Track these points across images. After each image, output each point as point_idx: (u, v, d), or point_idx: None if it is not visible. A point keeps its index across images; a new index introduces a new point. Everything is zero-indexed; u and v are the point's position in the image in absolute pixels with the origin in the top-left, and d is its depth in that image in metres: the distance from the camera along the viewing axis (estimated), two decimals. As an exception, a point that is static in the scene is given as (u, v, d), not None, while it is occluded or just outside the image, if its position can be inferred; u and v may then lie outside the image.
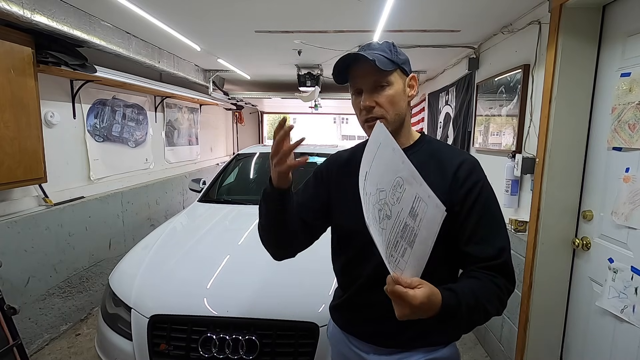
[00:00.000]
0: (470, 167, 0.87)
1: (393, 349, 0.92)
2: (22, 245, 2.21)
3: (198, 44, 2.94)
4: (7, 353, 1.60)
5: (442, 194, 0.81)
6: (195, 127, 5.03)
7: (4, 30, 1.90)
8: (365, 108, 0.87)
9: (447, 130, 3.52)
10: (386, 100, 0.86)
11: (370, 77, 0.86)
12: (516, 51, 2.21)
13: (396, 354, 0.92)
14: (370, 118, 0.88)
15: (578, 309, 1.80)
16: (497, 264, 0.81)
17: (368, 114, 0.88)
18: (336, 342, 1.06)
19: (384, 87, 0.86)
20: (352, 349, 0.99)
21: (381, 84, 0.86)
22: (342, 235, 1.00)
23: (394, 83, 0.87)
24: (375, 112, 0.87)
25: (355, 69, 0.88)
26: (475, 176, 0.86)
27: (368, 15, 2.19)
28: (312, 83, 3.96)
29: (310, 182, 1.06)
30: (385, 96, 0.86)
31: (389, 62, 0.85)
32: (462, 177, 0.85)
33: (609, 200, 1.58)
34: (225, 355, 1.41)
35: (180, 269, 1.78)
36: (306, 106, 6.08)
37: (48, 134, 2.38)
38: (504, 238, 0.84)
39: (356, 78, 0.88)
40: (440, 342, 0.92)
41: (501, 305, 0.81)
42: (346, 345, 1.01)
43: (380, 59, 0.83)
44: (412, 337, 0.90)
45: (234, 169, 3.21)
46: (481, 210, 0.84)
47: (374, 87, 0.86)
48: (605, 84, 1.64)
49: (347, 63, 0.87)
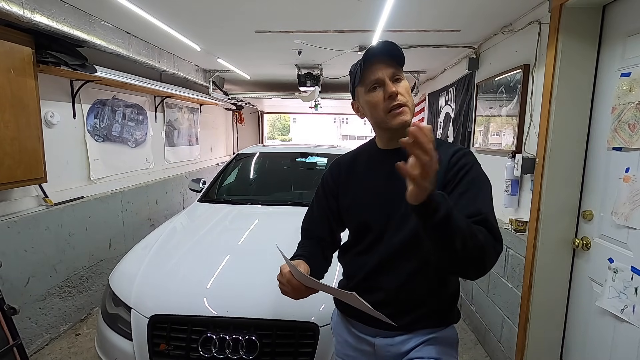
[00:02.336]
0: (463, 154, 0.92)
1: (396, 331, 0.96)
2: (22, 245, 2.21)
3: (198, 44, 2.94)
4: (7, 353, 1.60)
5: (440, 180, 0.89)
6: (195, 127, 5.03)
7: (4, 30, 1.90)
8: (392, 95, 0.90)
9: (447, 130, 3.52)
10: (405, 91, 0.92)
11: (390, 70, 0.91)
12: (516, 51, 2.22)
13: (399, 336, 0.97)
14: (395, 105, 0.91)
15: (578, 309, 1.80)
16: (478, 220, 0.81)
17: (393, 101, 0.91)
18: (341, 331, 1.09)
19: (400, 80, 0.93)
20: (357, 334, 1.03)
21: (398, 77, 0.92)
22: (356, 228, 1.04)
23: (404, 78, 0.94)
24: (400, 99, 0.91)
25: (377, 62, 0.92)
26: (466, 159, 0.91)
27: (368, 15, 2.19)
28: (312, 83, 3.96)
29: (320, 193, 1.13)
30: (403, 87, 0.92)
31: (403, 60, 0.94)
32: (455, 161, 0.91)
33: (609, 200, 1.58)
34: (225, 355, 1.41)
35: (180, 269, 1.78)
36: (306, 106, 6.07)
37: (48, 134, 2.38)
38: (486, 204, 0.86)
39: (378, 71, 0.92)
40: (440, 324, 0.98)
41: (488, 247, 0.79)
42: (351, 332, 1.05)
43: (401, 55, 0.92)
44: (413, 321, 0.96)
45: (234, 169, 3.21)
46: (467, 185, 0.87)
47: (393, 79, 0.92)
48: (605, 84, 1.64)
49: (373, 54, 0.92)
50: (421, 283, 0.94)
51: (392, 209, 0.94)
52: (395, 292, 0.95)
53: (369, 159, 1.05)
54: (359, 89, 0.97)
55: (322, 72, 4.03)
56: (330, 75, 4.29)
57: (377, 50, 0.91)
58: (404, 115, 0.91)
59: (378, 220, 0.97)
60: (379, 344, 0.99)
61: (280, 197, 2.85)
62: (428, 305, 0.96)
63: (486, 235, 0.80)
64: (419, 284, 0.94)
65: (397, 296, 0.96)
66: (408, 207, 0.72)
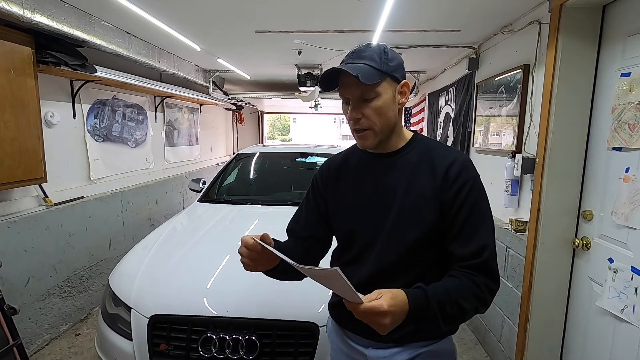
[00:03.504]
0: (461, 167, 0.86)
1: (390, 343, 0.94)
2: (22, 245, 2.21)
3: (198, 44, 2.94)
4: (7, 353, 1.60)
5: (434, 194, 0.86)
6: (195, 127, 5.03)
7: (4, 30, 1.90)
8: (352, 119, 0.88)
9: (447, 130, 3.52)
10: (373, 113, 0.85)
11: (356, 89, 0.84)
12: (516, 51, 2.22)
13: (393, 347, 0.94)
14: (358, 129, 0.88)
15: (578, 309, 1.80)
16: (477, 263, 0.82)
17: (355, 124, 0.88)
18: (335, 339, 1.07)
19: (371, 99, 0.84)
20: (350, 344, 1.00)
21: (368, 97, 0.84)
22: (344, 235, 1.01)
23: (381, 94, 0.85)
24: (362, 123, 0.87)
25: (342, 80, 0.86)
26: (465, 176, 0.86)
27: (368, 15, 2.19)
28: (312, 83, 3.97)
29: (310, 194, 1.09)
30: (372, 108, 0.85)
31: (375, 73, 0.83)
32: (452, 177, 0.85)
33: (609, 200, 1.58)
34: (225, 355, 1.41)
35: (180, 269, 1.78)
36: (306, 106, 6.08)
37: (48, 134, 2.38)
38: (487, 237, 0.85)
39: (343, 88, 0.88)
40: (435, 336, 0.94)
41: (480, 303, 0.81)
42: (345, 341, 1.02)
43: (366, 72, 0.81)
44: (407, 333, 0.92)
45: (234, 169, 3.21)
46: (468, 210, 0.84)
47: (361, 99, 0.85)
48: (605, 84, 1.64)
49: (335, 74, 0.86)
50: None
51: (379, 219, 0.91)
52: None
53: (359, 161, 1.00)
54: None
55: (322, 72, 4.02)
56: (330, 75, 4.29)
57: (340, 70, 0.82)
58: (365, 140, 0.89)
59: (365, 229, 0.93)
60: (372, 356, 0.96)
61: (280, 197, 2.85)
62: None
63: (480, 285, 0.81)
64: None
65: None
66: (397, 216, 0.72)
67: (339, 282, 0.69)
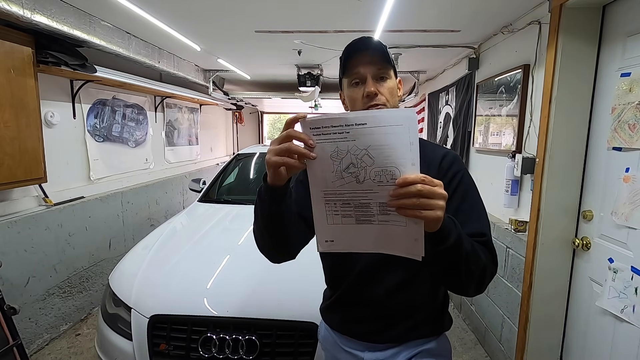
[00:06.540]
0: (452, 159, 0.90)
1: (386, 344, 0.94)
2: (22, 245, 2.21)
3: (198, 44, 2.94)
4: (7, 353, 1.60)
5: None
6: (195, 127, 5.03)
7: (4, 30, 1.91)
8: (370, 94, 0.86)
9: (447, 130, 3.52)
10: (388, 91, 0.88)
11: (375, 67, 0.87)
12: (516, 51, 2.22)
13: (390, 349, 0.94)
14: (372, 105, 0.87)
15: (578, 309, 1.80)
16: (482, 241, 0.81)
17: (370, 100, 0.87)
18: (329, 346, 1.05)
19: (385, 79, 0.88)
20: (345, 349, 0.99)
21: (383, 75, 0.88)
22: None
23: (392, 77, 0.90)
24: (379, 99, 0.87)
25: (361, 57, 0.88)
26: (457, 166, 0.89)
27: (368, 15, 2.19)
28: (312, 83, 3.96)
29: (301, 174, 0.99)
30: (386, 87, 0.88)
31: (388, 58, 0.89)
32: (446, 167, 0.88)
33: (609, 200, 1.58)
34: (225, 355, 1.41)
35: (180, 269, 1.78)
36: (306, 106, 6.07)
37: (48, 134, 2.38)
38: (484, 224, 0.85)
39: (359, 66, 0.88)
40: (431, 334, 0.95)
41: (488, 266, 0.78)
42: (339, 347, 1.01)
43: (384, 53, 0.87)
44: (403, 332, 0.92)
45: (234, 169, 3.22)
46: (462, 197, 0.86)
47: (376, 77, 0.88)
48: (605, 84, 1.64)
49: (356, 48, 0.88)
50: (411, 294, 0.91)
51: None
52: (383, 305, 0.92)
53: None
54: (344, 81, 0.93)
55: (322, 72, 4.03)
56: (330, 75, 4.29)
57: (362, 44, 0.87)
58: None
59: None
60: (368, 359, 0.95)
61: (280, 197, 2.84)
62: (419, 315, 0.93)
63: (487, 256, 0.79)
64: (408, 295, 0.91)
65: (385, 309, 0.92)
66: None
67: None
